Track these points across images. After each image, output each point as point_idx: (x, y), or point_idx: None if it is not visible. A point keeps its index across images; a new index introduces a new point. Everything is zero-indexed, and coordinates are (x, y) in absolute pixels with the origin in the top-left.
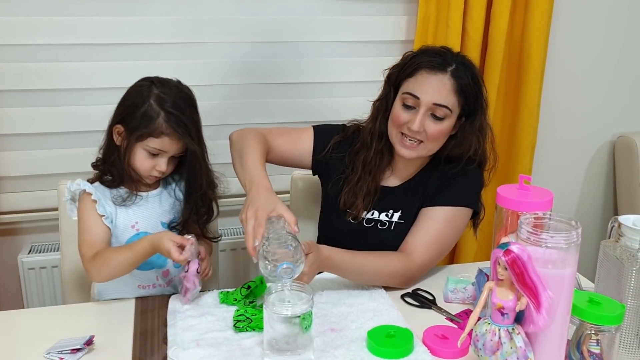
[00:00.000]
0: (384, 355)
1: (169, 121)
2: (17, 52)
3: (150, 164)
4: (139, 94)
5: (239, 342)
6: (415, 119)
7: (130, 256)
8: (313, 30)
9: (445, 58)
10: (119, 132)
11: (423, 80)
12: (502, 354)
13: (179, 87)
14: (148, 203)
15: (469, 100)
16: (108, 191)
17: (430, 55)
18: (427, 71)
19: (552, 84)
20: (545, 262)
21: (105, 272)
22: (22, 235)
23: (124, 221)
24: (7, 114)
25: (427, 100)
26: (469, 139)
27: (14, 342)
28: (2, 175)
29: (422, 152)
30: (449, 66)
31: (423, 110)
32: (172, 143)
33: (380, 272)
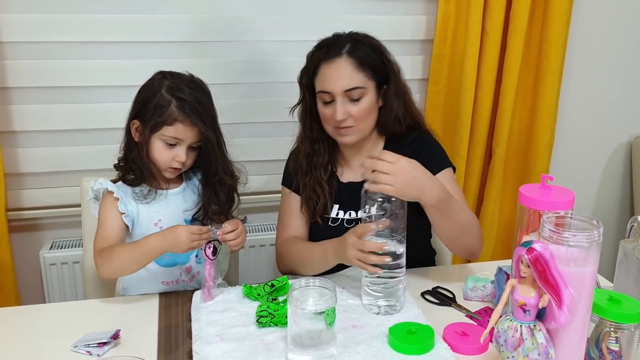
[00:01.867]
0: (405, 352)
1: (180, 107)
2: (39, 50)
3: (169, 155)
4: (150, 87)
5: (262, 337)
6: (337, 110)
7: (135, 252)
8: (332, 29)
9: (336, 43)
10: (136, 128)
11: (326, 73)
12: (524, 350)
13: (190, 78)
14: (171, 200)
15: (377, 69)
16: (130, 189)
17: (322, 47)
18: (325, 63)
19: (570, 84)
20: (567, 260)
21: (110, 266)
22: (44, 231)
23: (146, 218)
24: (30, 111)
25: (337, 90)
26: (393, 103)
27: (40, 336)
28: (25, 171)
29: (359, 134)
30: (342, 49)
31: (340, 100)
32: (186, 130)
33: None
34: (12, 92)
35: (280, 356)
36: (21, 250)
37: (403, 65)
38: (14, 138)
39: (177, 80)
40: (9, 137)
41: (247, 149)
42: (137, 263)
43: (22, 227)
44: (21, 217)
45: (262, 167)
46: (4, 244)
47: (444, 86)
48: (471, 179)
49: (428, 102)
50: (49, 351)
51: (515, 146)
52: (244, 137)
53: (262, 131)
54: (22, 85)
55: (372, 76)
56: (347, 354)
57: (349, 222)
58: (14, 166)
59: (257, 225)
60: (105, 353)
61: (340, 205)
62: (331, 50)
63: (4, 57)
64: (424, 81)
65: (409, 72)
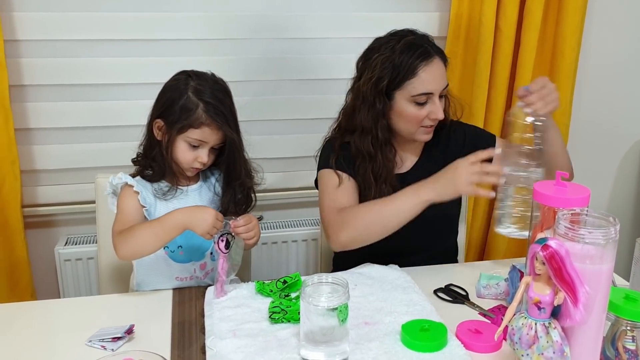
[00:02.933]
0: (418, 349)
1: (207, 111)
2: (53, 48)
3: (192, 156)
4: (177, 88)
5: (274, 333)
6: (437, 110)
7: (157, 227)
8: (345, 26)
9: (419, 44)
10: (159, 127)
11: (426, 74)
12: (538, 347)
13: (214, 78)
14: (188, 197)
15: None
16: (149, 185)
17: (414, 48)
18: (425, 63)
19: (584, 81)
20: (582, 258)
21: (131, 245)
22: (59, 227)
23: (164, 213)
24: (45, 109)
25: (438, 89)
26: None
27: (55, 330)
28: (40, 168)
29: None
30: (429, 48)
31: (438, 99)
32: (212, 133)
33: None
34: (27, 89)
35: (293, 352)
36: (36, 246)
37: None
38: (30, 135)
39: (203, 82)
40: (25, 135)
41: (261, 146)
42: (158, 240)
43: (37, 223)
44: (36, 214)
45: (275, 165)
46: (20, 240)
47: (457, 83)
48: None
49: None
50: (64, 345)
51: None
52: (257, 134)
53: (276, 129)
54: (38, 83)
55: None
56: (359, 350)
57: None
58: (30, 163)
59: (270, 223)
60: (120, 347)
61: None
62: (424, 50)
63: (19, 55)
64: None
65: None
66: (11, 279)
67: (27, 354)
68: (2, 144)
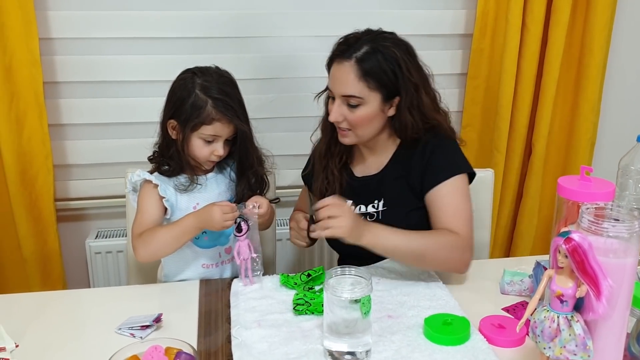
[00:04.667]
0: (441, 342)
1: (217, 107)
2: (87, 45)
3: (208, 151)
4: (184, 87)
5: (298, 324)
6: (332, 111)
7: (175, 231)
8: (371, 23)
9: (352, 43)
10: (172, 127)
11: (333, 71)
12: (561, 340)
13: (218, 72)
14: (207, 186)
15: (384, 81)
16: (171, 181)
17: (339, 43)
18: (336, 62)
19: (614, 78)
20: (606, 251)
21: (150, 247)
22: (90, 221)
23: (186, 204)
24: (77, 105)
25: (337, 92)
26: (405, 116)
27: (86, 318)
28: (72, 163)
29: (356, 138)
30: (356, 51)
31: (337, 102)
32: (223, 127)
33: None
34: (60, 86)
35: (316, 343)
36: (68, 239)
37: (442, 60)
38: (63, 131)
39: (208, 78)
40: (58, 130)
41: (280, 144)
42: (176, 241)
43: (69, 217)
44: (68, 207)
45: (293, 162)
46: (52, 233)
47: (483, 81)
48: (510, 175)
49: (467, 97)
50: (94, 333)
51: (556, 142)
52: (278, 131)
53: (286, 126)
54: (71, 80)
55: (377, 87)
56: (382, 343)
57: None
58: (62, 158)
59: None
60: (148, 335)
61: (355, 200)
62: (346, 50)
63: (53, 52)
64: (463, 76)
65: (448, 67)
66: (44, 271)
67: (59, 341)
68: (36, 139)
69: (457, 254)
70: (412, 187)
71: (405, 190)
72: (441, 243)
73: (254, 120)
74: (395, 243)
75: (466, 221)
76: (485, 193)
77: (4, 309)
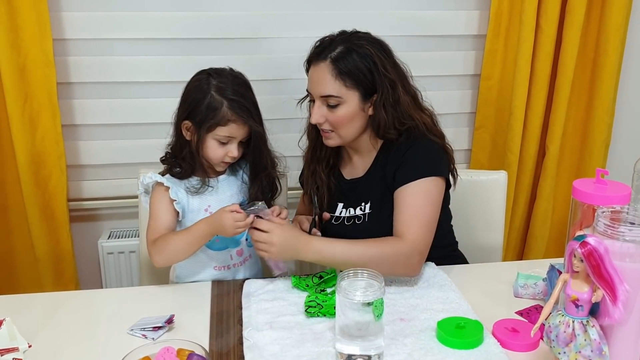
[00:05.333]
0: (454, 346)
1: (232, 108)
2: (100, 46)
3: (222, 152)
4: (199, 88)
5: (310, 326)
6: (312, 113)
7: (188, 237)
8: (384, 24)
9: (326, 45)
10: (187, 128)
11: (310, 74)
12: (576, 345)
13: (233, 73)
14: (218, 188)
15: (361, 80)
16: (182, 183)
17: (315, 46)
18: (313, 64)
19: (628, 79)
20: (622, 256)
21: (164, 254)
22: (102, 221)
23: (197, 206)
24: (90, 105)
25: (315, 93)
26: (380, 115)
27: (98, 319)
28: (85, 163)
29: (339, 139)
30: (331, 52)
31: (317, 104)
32: (238, 128)
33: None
34: (74, 87)
35: (328, 345)
36: (81, 239)
37: (455, 61)
38: (76, 131)
39: (224, 79)
40: (71, 130)
41: (291, 145)
42: (190, 248)
43: (82, 217)
44: (81, 207)
45: None
46: (65, 233)
47: (497, 82)
48: (524, 177)
49: (480, 98)
50: (106, 333)
51: (570, 143)
52: (291, 132)
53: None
54: (84, 81)
55: (354, 86)
56: (394, 346)
57: (349, 219)
58: (75, 158)
59: None
60: (160, 337)
61: (344, 202)
62: (321, 52)
63: (67, 53)
64: (476, 77)
65: (461, 68)
66: (56, 271)
67: (71, 341)
68: (50, 139)
69: (401, 261)
70: (389, 188)
71: (386, 193)
72: (384, 254)
73: (267, 122)
74: (335, 256)
75: (421, 226)
76: (499, 195)
77: (17, 309)
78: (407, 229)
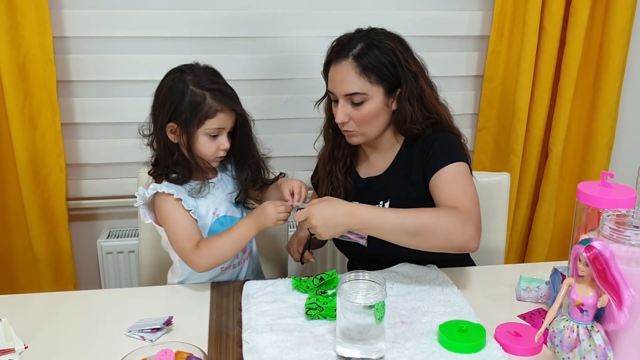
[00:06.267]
0: (456, 350)
1: (216, 97)
2: (100, 44)
3: (214, 146)
4: (176, 87)
5: (310, 329)
6: (337, 112)
7: (234, 236)
8: (387, 24)
9: (346, 43)
10: (172, 131)
11: (332, 74)
12: (580, 351)
13: (202, 66)
14: (218, 188)
15: (385, 74)
16: (183, 188)
17: (336, 46)
18: (333, 63)
19: (632, 81)
20: (628, 260)
21: (211, 258)
22: (102, 220)
23: (205, 210)
24: (90, 104)
25: (339, 92)
26: (406, 108)
27: (96, 320)
28: (85, 162)
29: (362, 137)
30: (351, 49)
31: (341, 102)
32: (227, 117)
33: (434, 222)
34: (74, 85)
35: (329, 348)
36: (80, 238)
37: (458, 62)
38: (76, 130)
39: (197, 72)
40: (71, 129)
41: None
42: (236, 247)
43: (81, 216)
44: (80, 207)
45: (307, 163)
46: (64, 232)
47: (500, 83)
48: (526, 179)
49: (483, 99)
50: (104, 335)
51: (573, 145)
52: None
53: (299, 127)
54: (84, 79)
55: (378, 81)
56: (395, 349)
57: None
58: (75, 157)
59: None
60: (158, 338)
61: (360, 201)
62: (341, 51)
63: (67, 51)
64: (479, 78)
65: (464, 69)
66: (55, 270)
67: (69, 342)
68: (49, 137)
69: (458, 229)
70: (415, 184)
71: (410, 190)
72: (438, 219)
73: (268, 122)
74: (384, 223)
75: (470, 200)
76: (501, 197)
77: (14, 309)
78: (457, 203)
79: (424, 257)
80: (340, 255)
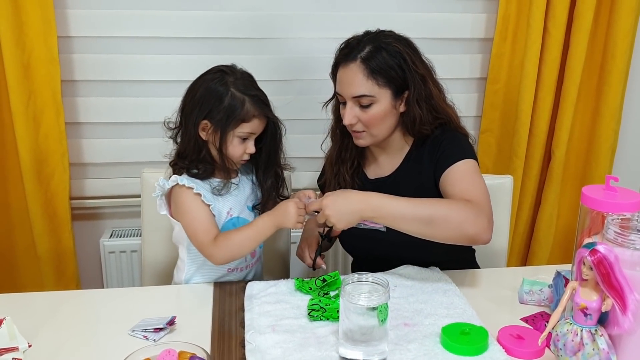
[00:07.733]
0: (458, 352)
1: (254, 103)
2: (104, 44)
3: (242, 149)
4: (216, 87)
5: (313, 330)
6: (345, 114)
7: (251, 233)
8: (391, 27)
9: (354, 46)
10: (204, 128)
11: (340, 76)
12: (584, 355)
13: (241, 70)
14: (237, 189)
15: (393, 77)
16: (207, 184)
17: (345, 48)
18: (342, 66)
19: (635, 85)
20: (632, 264)
21: (228, 251)
22: (105, 220)
23: (220, 209)
24: (94, 103)
25: (347, 94)
26: (415, 110)
27: (98, 319)
28: (88, 161)
29: (371, 138)
30: (360, 52)
31: (349, 104)
32: (260, 123)
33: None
34: (78, 84)
35: (331, 350)
36: (82, 237)
37: (461, 64)
38: (79, 129)
39: (238, 76)
40: (75, 128)
41: (300, 145)
42: (254, 243)
43: (84, 215)
44: (83, 206)
45: (310, 164)
46: (67, 232)
47: (503, 85)
48: (529, 181)
49: (486, 102)
50: (106, 334)
51: (576, 149)
52: (298, 133)
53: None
54: (88, 79)
55: (386, 84)
56: (398, 351)
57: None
58: (78, 156)
59: None
60: (161, 338)
61: None
62: (349, 53)
63: (72, 51)
64: (482, 80)
65: (467, 71)
66: (57, 269)
67: (72, 342)
68: (53, 137)
69: (470, 218)
70: (425, 185)
71: (420, 190)
72: (451, 208)
73: None
74: (396, 211)
75: (481, 194)
76: (504, 199)
77: (17, 308)
78: (469, 197)
79: (431, 259)
80: (343, 257)
